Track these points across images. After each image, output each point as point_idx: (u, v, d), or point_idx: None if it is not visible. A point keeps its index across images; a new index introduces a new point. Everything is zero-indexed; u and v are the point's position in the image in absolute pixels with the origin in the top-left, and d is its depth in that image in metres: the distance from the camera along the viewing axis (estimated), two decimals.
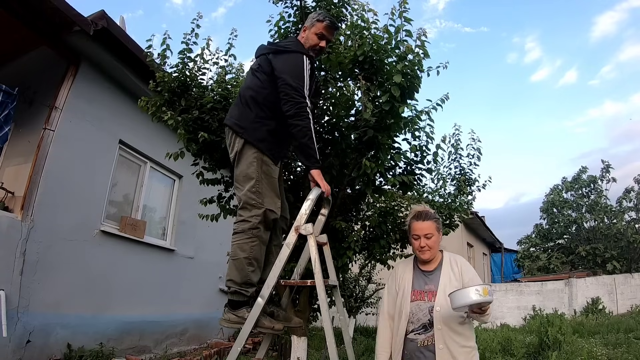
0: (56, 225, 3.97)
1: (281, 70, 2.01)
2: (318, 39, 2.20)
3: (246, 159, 2.01)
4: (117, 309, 4.62)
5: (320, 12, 2.32)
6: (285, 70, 2.00)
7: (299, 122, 1.93)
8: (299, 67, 2.00)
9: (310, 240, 1.74)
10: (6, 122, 3.92)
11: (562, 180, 18.17)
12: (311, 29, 2.21)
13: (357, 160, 2.74)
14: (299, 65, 2.00)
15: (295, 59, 2.03)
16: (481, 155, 4.25)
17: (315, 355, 5.35)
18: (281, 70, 2.01)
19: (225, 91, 3.25)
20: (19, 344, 3.47)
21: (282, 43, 2.28)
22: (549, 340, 5.43)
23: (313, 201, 1.83)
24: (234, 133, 2.08)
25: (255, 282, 1.91)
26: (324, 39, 2.22)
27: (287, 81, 1.96)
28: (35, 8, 3.64)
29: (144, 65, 3.72)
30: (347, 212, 3.27)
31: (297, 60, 2.02)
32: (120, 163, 5.11)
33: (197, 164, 3.45)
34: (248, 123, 2.05)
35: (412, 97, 2.60)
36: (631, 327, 7.55)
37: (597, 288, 10.77)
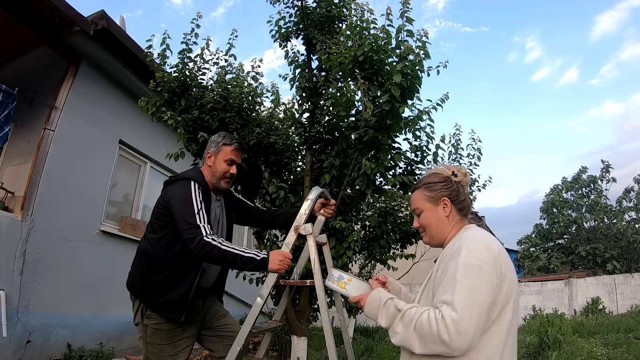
0: (56, 225, 3.97)
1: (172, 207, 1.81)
2: (228, 165, 1.96)
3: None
4: (117, 309, 4.62)
5: (224, 135, 2.02)
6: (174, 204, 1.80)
7: (209, 255, 1.69)
8: (186, 194, 1.78)
9: (310, 240, 1.73)
10: (6, 122, 3.92)
11: (562, 180, 18.18)
12: (218, 155, 1.96)
13: (357, 160, 2.74)
14: (186, 192, 1.79)
15: (182, 187, 1.81)
16: (481, 155, 4.25)
17: (315, 355, 5.34)
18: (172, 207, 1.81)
19: (225, 91, 3.25)
20: (19, 344, 3.47)
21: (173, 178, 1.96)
22: (549, 340, 5.42)
23: (313, 201, 1.82)
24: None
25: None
26: (233, 164, 1.97)
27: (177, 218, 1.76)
28: (35, 8, 3.64)
29: (144, 65, 3.72)
30: (347, 212, 3.27)
31: (183, 188, 1.81)
32: (120, 163, 5.11)
33: (197, 164, 3.45)
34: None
35: (413, 97, 2.60)
36: (631, 327, 7.55)
37: (597, 288, 10.77)
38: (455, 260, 1.08)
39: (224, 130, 3.14)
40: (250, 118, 3.44)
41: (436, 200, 1.27)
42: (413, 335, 1.04)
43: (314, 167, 3.20)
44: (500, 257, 1.09)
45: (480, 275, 1.02)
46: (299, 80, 3.30)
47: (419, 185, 1.34)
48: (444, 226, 1.27)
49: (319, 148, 3.19)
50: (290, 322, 3.05)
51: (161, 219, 1.85)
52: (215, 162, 1.96)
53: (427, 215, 1.29)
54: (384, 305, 1.14)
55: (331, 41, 3.04)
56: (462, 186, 1.30)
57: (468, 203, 1.30)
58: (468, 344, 0.97)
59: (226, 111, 3.20)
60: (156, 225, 1.87)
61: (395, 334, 1.09)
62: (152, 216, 1.92)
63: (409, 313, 1.07)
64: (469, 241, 1.12)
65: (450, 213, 1.26)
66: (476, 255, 1.06)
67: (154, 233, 1.86)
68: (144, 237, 1.93)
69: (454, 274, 1.05)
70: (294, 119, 3.42)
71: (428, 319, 1.01)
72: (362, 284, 1.27)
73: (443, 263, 1.14)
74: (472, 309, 0.98)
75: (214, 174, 1.96)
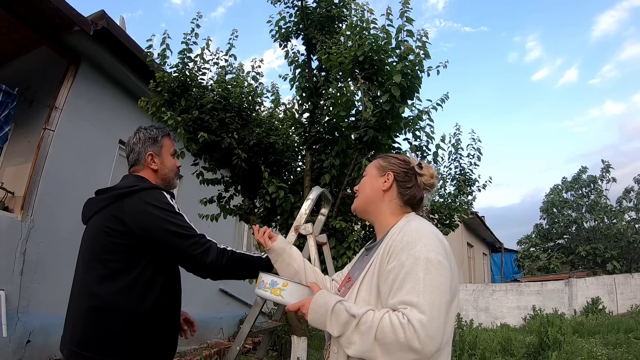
0: (56, 225, 3.97)
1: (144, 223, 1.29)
2: (175, 158, 1.61)
3: None
4: None
5: (152, 127, 1.59)
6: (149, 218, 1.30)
7: (231, 264, 1.35)
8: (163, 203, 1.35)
9: (310, 240, 1.72)
10: (6, 122, 3.92)
11: (562, 180, 18.18)
12: (162, 150, 1.54)
13: (357, 160, 2.74)
14: (163, 200, 1.36)
15: (153, 196, 1.36)
16: (481, 155, 4.26)
17: (315, 355, 5.34)
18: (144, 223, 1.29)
19: (225, 91, 3.26)
20: (19, 344, 3.47)
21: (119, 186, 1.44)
22: (549, 340, 5.42)
23: (313, 201, 1.81)
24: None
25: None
26: (175, 155, 1.64)
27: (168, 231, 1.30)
28: (35, 8, 3.64)
29: (144, 65, 3.72)
30: (347, 212, 3.27)
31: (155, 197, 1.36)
32: (120, 163, 5.11)
33: (197, 164, 3.46)
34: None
35: (412, 97, 2.60)
36: (631, 327, 7.54)
37: (597, 288, 10.76)
38: (409, 253, 0.95)
39: (224, 130, 3.14)
40: (250, 118, 3.44)
41: (382, 171, 1.20)
42: (374, 345, 0.89)
43: (314, 167, 3.20)
44: (450, 253, 1.01)
45: (441, 272, 0.93)
46: (299, 80, 3.30)
47: (379, 155, 1.28)
48: (376, 198, 1.18)
49: (319, 148, 3.19)
50: (290, 322, 3.05)
51: (121, 253, 1.27)
52: (163, 160, 1.53)
53: (367, 179, 1.22)
54: (333, 311, 0.96)
55: (331, 41, 3.04)
56: (421, 182, 1.21)
57: (415, 196, 1.19)
58: (437, 347, 0.87)
59: (226, 111, 3.21)
60: (116, 264, 1.27)
61: (350, 345, 0.92)
62: (99, 252, 1.30)
63: (365, 319, 0.91)
64: (423, 233, 1.00)
65: (389, 189, 1.17)
66: (434, 249, 0.95)
67: (117, 278, 1.25)
68: (85, 288, 1.28)
69: (413, 269, 0.92)
70: (294, 119, 3.42)
71: (391, 325, 0.87)
72: (301, 287, 1.09)
73: (395, 255, 0.98)
74: (439, 309, 0.89)
75: (165, 175, 1.53)
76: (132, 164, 1.52)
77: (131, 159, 1.52)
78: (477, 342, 5.43)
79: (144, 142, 1.52)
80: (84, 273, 1.32)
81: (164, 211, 1.32)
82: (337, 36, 2.91)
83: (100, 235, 1.31)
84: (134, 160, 1.51)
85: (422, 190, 1.22)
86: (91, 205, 1.44)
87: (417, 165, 1.22)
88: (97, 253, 1.30)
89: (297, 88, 3.28)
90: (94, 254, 1.31)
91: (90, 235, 1.37)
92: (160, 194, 1.38)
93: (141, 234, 1.28)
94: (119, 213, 1.30)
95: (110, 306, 1.24)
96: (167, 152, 1.56)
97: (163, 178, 1.54)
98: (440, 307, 0.89)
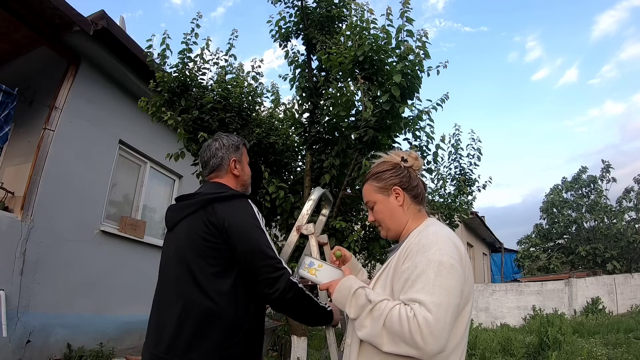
0: (56, 225, 3.97)
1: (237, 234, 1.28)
2: (249, 168, 1.62)
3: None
4: (117, 309, 4.62)
5: (236, 135, 1.64)
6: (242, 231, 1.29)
7: (295, 301, 1.27)
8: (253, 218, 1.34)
9: (312, 240, 1.70)
10: (6, 122, 3.91)
11: (562, 180, 18.18)
12: (242, 158, 1.56)
13: (357, 160, 2.74)
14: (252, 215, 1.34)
15: (245, 208, 1.35)
16: (481, 155, 4.26)
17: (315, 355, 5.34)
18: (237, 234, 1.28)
19: (225, 91, 3.26)
20: (19, 344, 3.47)
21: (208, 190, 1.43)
22: (549, 340, 5.42)
23: (315, 201, 1.80)
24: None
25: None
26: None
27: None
28: (35, 8, 3.64)
29: (144, 65, 3.72)
30: (347, 212, 3.27)
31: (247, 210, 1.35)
32: (120, 163, 5.11)
33: (197, 164, 3.46)
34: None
35: (412, 97, 2.60)
36: (631, 327, 7.54)
37: (597, 288, 10.76)
38: (424, 255, 0.98)
39: (223, 130, 3.14)
40: (250, 118, 3.44)
41: (387, 190, 1.18)
42: (382, 331, 0.94)
43: (314, 167, 3.20)
44: (465, 258, 1.04)
45: (453, 276, 0.95)
46: (299, 80, 3.30)
47: (367, 176, 1.25)
48: (399, 216, 1.18)
49: (319, 148, 3.19)
50: (290, 322, 3.05)
51: (216, 258, 1.26)
52: (243, 167, 1.55)
53: (380, 207, 1.20)
54: (354, 294, 1.03)
55: (331, 41, 3.04)
56: (414, 170, 1.22)
57: (422, 190, 1.21)
58: (440, 347, 0.89)
59: (226, 111, 3.21)
60: (213, 269, 1.26)
61: (362, 327, 0.98)
62: (193, 256, 1.28)
63: (379, 306, 0.96)
64: (439, 237, 1.03)
65: (404, 202, 1.17)
66: (448, 253, 0.98)
67: (213, 283, 1.25)
68: (197, 289, 1.25)
69: (425, 270, 0.95)
70: (294, 119, 3.42)
71: (399, 316, 0.91)
72: (334, 270, 1.17)
73: (410, 256, 1.02)
74: (446, 310, 0.91)
75: (245, 182, 1.56)
76: (213, 169, 1.51)
77: (213, 164, 1.50)
78: (477, 342, 5.44)
79: (227, 148, 1.52)
80: (178, 279, 1.29)
81: (254, 224, 1.31)
82: (337, 36, 2.91)
83: (195, 241, 1.29)
84: (217, 166, 1.50)
85: (418, 178, 1.22)
86: (177, 211, 1.42)
87: (402, 160, 1.21)
88: (192, 258, 1.28)
89: (297, 88, 3.28)
90: (189, 259, 1.28)
91: (180, 240, 1.34)
92: (250, 204, 1.37)
93: (234, 241, 1.26)
94: (213, 218, 1.29)
95: (207, 312, 1.22)
96: (245, 160, 1.58)
97: (242, 184, 1.55)
98: (448, 309, 0.91)
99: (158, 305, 1.33)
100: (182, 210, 1.39)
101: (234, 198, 1.35)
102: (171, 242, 1.39)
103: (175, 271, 1.31)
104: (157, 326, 1.29)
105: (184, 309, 1.23)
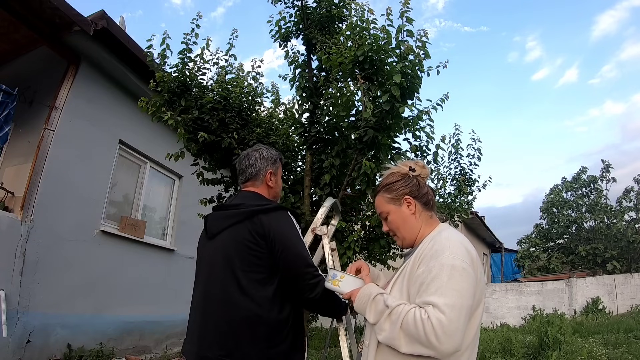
0: (56, 225, 3.97)
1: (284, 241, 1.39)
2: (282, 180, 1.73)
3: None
4: (117, 309, 4.62)
5: (275, 149, 1.73)
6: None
7: (326, 300, 1.41)
8: (294, 228, 1.45)
9: (325, 240, 1.85)
10: (6, 122, 3.92)
11: (562, 180, 18.18)
12: (278, 172, 1.65)
13: (357, 160, 2.74)
14: (293, 225, 1.46)
15: (287, 220, 1.46)
16: (481, 155, 4.26)
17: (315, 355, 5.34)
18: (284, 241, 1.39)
19: (225, 91, 3.26)
20: (19, 344, 3.47)
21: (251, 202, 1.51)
22: (549, 340, 5.42)
23: (327, 208, 1.95)
24: None
25: None
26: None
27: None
28: (35, 8, 3.64)
29: (144, 65, 3.72)
30: (347, 212, 3.27)
31: (288, 221, 1.46)
32: (120, 163, 5.11)
33: (197, 164, 3.46)
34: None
35: (412, 97, 2.60)
36: (631, 327, 7.54)
37: (597, 288, 10.76)
38: (437, 260, 1.04)
39: (224, 130, 3.14)
40: (250, 118, 3.44)
41: (398, 200, 1.25)
42: (399, 333, 1.00)
43: (314, 167, 3.20)
44: (477, 261, 1.08)
45: (465, 278, 1.01)
46: (299, 80, 3.30)
47: (379, 188, 1.31)
48: (412, 224, 1.24)
49: (319, 148, 3.19)
50: None
51: (261, 266, 1.35)
52: (277, 180, 1.64)
53: (393, 217, 1.26)
54: (373, 300, 1.10)
55: (331, 41, 3.04)
56: (422, 179, 1.28)
57: (432, 196, 1.28)
58: (455, 347, 0.94)
59: (226, 111, 3.21)
60: (257, 275, 1.35)
61: (381, 331, 1.04)
62: (238, 263, 1.36)
63: (396, 310, 1.02)
64: (451, 242, 1.09)
65: (415, 210, 1.23)
66: (460, 257, 1.04)
67: (258, 289, 1.34)
68: (243, 295, 1.33)
69: (439, 274, 1.01)
70: (294, 119, 3.42)
71: (414, 318, 0.97)
72: (355, 280, 1.25)
73: (424, 262, 1.08)
74: (459, 311, 0.96)
75: (277, 194, 1.65)
76: (249, 178, 1.59)
77: (250, 173, 1.58)
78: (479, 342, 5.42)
79: (266, 160, 1.60)
80: (224, 284, 1.37)
81: (296, 235, 1.41)
82: (337, 36, 2.91)
83: (240, 249, 1.37)
84: (253, 175, 1.58)
85: (427, 185, 1.29)
86: (220, 220, 1.49)
87: (410, 170, 1.28)
88: (238, 265, 1.36)
89: (297, 88, 3.28)
90: (234, 267, 1.36)
91: (224, 249, 1.41)
92: (290, 216, 1.47)
93: (279, 250, 1.35)
94: (259, 229, 1.37)
95: (253, 316, 1.31)
96: (280, 173, 1.67)
97: (274, 195, 1.63)
98: (461, 310, 0.97)
99: (203, 309, 1.40)
100: (225, 220, 1.46)
101: (277, 210, 1.45)
102: (214, 249, 1.46)
103: (220, 277, 1.38)
104: (203, 328, 1.37)
105: (231, 313, 1.32)
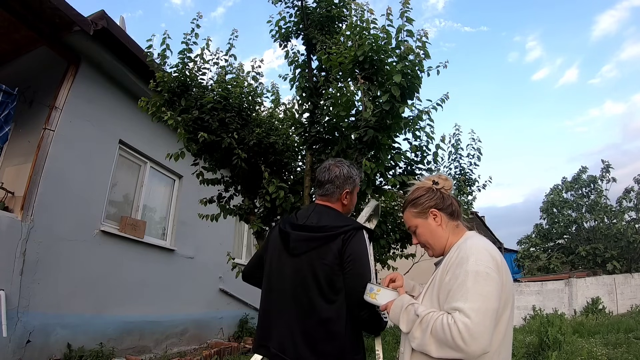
0: (56, 225, 3.97)
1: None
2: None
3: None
4: (117, 309, 4.62)
5: (356, 168, 1.77)
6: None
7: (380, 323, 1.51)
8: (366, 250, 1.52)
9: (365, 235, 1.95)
10: (6, 122, 3.92)
11: (562, 180, 18.18)
12: (354, 191, 1.69)
13: (357, 160, 2.74)
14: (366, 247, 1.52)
15: (363, 241, 1.52)
16: (481, 155, 4.26)
17: None
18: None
19: (225, 91, 3.26)
20: (19, 344, 3.47)
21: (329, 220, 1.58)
22: (549, 340, 5.42)
23: (371, 209, 2.01)
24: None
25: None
26: None
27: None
28: (35, 8, 3.64)
29: (144, 65, 3.72)
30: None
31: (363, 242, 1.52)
32: (120, 163, 5.11)
33: (197, 164, 3.46)
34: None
35: (412, 97, 2.60)
36: (631, 327, 7.55)
37: (597, 288, 10.77)
38: (463, 267, 1.10)
39: (224, 130, 3.14)
40: (250, 118, 3.44)
41: (425, 214, 1.33)
42: (430, 340, 1.06)
43: (314, 167, 3.19)
44: (503, 266, 1.13)
45: (489, 282, 1.06)
46: (299, 80, 3.30)
47: (405, 205, 1.39)
48: (440, 235, 1.31)
49: (319, 148, 3.19)
50: None
51: (337, 282, 1.44)
52: (352, 198, 1.68)
53: (422, 230, 1.34)
54: (405, 310, 1.17)
55: (331, 41, 3.04)
56: (446, 191, 1.35)
57: (457, 206, 1.35)
58: (482, 348, 1.00)
59: (226, 111, 3.21)
60: (334, 289, 1.44)
61: (414, 339, 1.12)
62: (321, 281, 1.44)
63: (426, 318, 1.10)
64: (475, 249, 1.14)
65: (441, 221, 1.31)
66: (484, 263, 1.09)
67: (334, 303, 1.43)
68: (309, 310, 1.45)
69: (464, 280, 1.07)
70: (294, 119, 3.42)
71: (442, 324, 1.04)
72: (391, 292, 1.31)
73: (451, 270, 1.15)
74: (485, 314, 1.01)
75: (349, 211, 1.71)
76: (327, 193, 1.64)
77: (328, 189, 1.63)
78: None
79: (345, 180, 1.64)
80: (303, 297, 1.45)
81: (367, 253, 1.48)
82: (337, 36, 2.91)
83: (323, 267, 1.44)
84: (331, 192, 1.63)
85: (451, 196, 1.36)
86: (306, 242, 1.52)
87: (434, 183, 1.36)
88: (322, 284, 1.44)
89: (297, 88, 3.28)
90: (318, 280, 1.44)
91: (308, 267, 1.47)
92: (365, 236, 1.51)
93: (348, 266, 1.43)
94: (341, 249, 1.44)
95: (328, 323, 1.40)
96: (356, 191, 1.70)
97: (347, 212, 1.69)
98: (486, 313, 1.02)
99: (278, 315, 1.50)
100: (311, 242, 1.51)
101: (356, 230, 1.49)
102: (299, 269, 1.50)
103: (300, 292, 1.47)
104: (282, 335, 1.46)
105: (310, 322, 1.42)
